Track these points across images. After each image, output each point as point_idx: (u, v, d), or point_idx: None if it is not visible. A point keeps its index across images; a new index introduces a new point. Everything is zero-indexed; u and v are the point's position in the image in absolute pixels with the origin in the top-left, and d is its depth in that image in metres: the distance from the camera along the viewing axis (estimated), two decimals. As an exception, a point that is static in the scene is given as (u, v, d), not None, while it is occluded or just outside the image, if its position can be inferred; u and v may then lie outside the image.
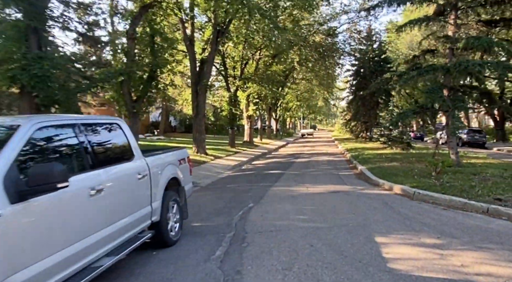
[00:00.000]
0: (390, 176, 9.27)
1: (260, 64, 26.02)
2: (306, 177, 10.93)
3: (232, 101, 23.78)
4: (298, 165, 15.19)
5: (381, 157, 14.84)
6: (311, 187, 8.91)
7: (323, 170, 13.14)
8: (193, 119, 17.89)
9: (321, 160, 17.38)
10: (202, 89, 17.54)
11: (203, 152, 17.53)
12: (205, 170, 14.00)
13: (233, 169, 15.03)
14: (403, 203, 6.68)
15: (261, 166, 15.75)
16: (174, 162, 5.16)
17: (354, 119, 34.05)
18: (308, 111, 71.08)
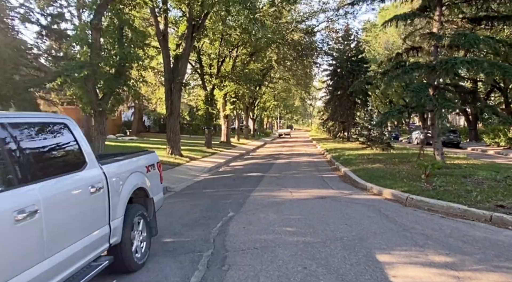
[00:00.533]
0: (377, 179, 8.76)
1: (237, 62, 25.26)
2: (288, 180, 10.28)
3: (209, 100, 22.89)
4: (278, 166, 14.55)
5: (363, 158, 14.44)
6: (295, 192, 8.25)
7: (304, 172, 12.55)
8: (167, 119, 16.91)
9: (301, 161, 16.84)
10: (177, 87, 16.58)
11: (178, 153, 16.59)
12: (180, 173, 13.10)
13: (210, 171, 14.21)
14: (397, 211, 6.13)
15: (240, 168, 15.01)
16: (140, 169, 4.33)
17: (332, 119, 33.91)
18: (285, 111, 70.93)
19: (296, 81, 38.19)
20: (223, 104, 27.68)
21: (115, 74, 9.82)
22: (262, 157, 20.29)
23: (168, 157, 15.90)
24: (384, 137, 17.52)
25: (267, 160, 17.75)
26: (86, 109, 9.79)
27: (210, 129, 23.36)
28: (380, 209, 6.25)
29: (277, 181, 10.29)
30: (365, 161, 13.30)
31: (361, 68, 30.48)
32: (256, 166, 15.37)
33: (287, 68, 30.98)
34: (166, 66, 16.69)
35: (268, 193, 8.33)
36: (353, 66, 30.36)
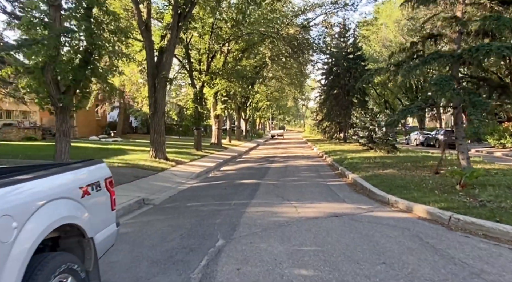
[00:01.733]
0: (399, 189, 7.21)
1: (229, 58, 23.62)
2: (290, 190, 8.68)
3: (198, 98, 21.19)
4: (275, 171, 12.95)
5: (369, 162, 12.92)
6: (301, 207, 6.65)
7: (306, 178, 10.96)
8: (151, 118, 15.18)
9: (299, 165, 15.26)
10: (161, 83, 14.88)
11: (162, 156, 14.87)
12: (162, 179, 11.41)
13: (198, 177, 12.54)
14: (444, 238, 4.57)
15: (232, 173, 13.36)
16: (68, 193, 2.66)
17: (328, 119, 32.48)
18: (278, 112, 69.47)
19: (290, 80, 36.71)
20: (213, 103, 26.02)
21: (81, 64, 8.11)
22: (256, 160, 18.67)
23: (151, 161, 14.19)
24: (389, 138, 16.04)
25: (261, 164, 16.13)
26: (43, 104, 8.07)
27: (199, 130, 21.65)
28: (420, 235, 4.67)
29: (276, 190, 8.68)
30: (373, 165, 11.78)
31: (358, 66, 29.14)
32: (250, 171, 13.74)
33: (281, 65, 29.44)
34: (149, 59, 14.98)
35: (267, 208, 6.70)
36: (350, 64, 29.01)
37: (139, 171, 11.97)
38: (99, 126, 34.78)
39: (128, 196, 8.29)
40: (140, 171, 12.10)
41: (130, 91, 25.63)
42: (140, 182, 10.50)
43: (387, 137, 15.99)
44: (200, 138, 21.54)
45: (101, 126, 34.98)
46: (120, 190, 9.06)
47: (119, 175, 10.87)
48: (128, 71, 22.58)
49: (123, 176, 10.82)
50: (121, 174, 11.08)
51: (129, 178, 10.61)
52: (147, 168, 12.74)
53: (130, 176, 10.92)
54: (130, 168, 12.44)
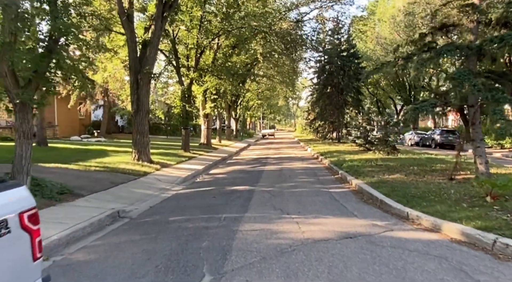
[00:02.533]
0: (416, 200, 6.19)
1: (218, 54, 22.42)
2: (288, 199, 7.60)
3: (186, 96, 19.97)
4: (269, 175, 11.87)
5: (370, 164, 11.95)
6: (304, 223, 5.57)
7: (304, 184, 9.90)
8: (133, 117, 13.94)
9: (295, 167, 14.20)
10: (145, 79, 13.64)
11: (146, 159, 13.65)
12: (144, 186, 10.20)
13: (185, 182, 11.38)
14: (496, 273, 3.54)
15: (222, 177, 12.23)
16: None
17: (321, 118, 31.56)
18: (269, 111, 68.47)
19: (281, 78, 35.71)
20: (202, 101, 24.80)
21: (44, 52, 6.88)
22: (247, 162, 17.56)
23: (133, 164, 12.95)
24: (389, 139, 15.11)
25: (254, 166, 15.03)
26: None
27: (187, 129, 20.44)
28: (464, 269, 3.63)
29: (272, 200, 7.59)
30: (376, 169, 10.79)
31: (352, 64, 28.28)
32: (242, 174, 12.63)
33: (273, 63, 28.38)
34: (131, 53, 13.72)
35: (264, 224, 5.60)
36: (344, 62, 28.11)
37: (118, 176, 10.75)
38: (83, 125, 33.17)
39: (100, 208, 7.10)
40: (119, 176, 10.88)
41: (114, 89, 24.22)
42: (117, 189, 9.29)
43: (387, 137, 15.06)
44: (188, 138, 20.33)
45: (84, 125, 33.37)
46: (93, 200, 7.86)
47: (94, 181, 9.65)
48: (112, 67, 21.24)
49: (98, 182, 9.60)
50: (97, 180, 9.86)
51: (105, 185, 9.38)
52: (128, 172, 11.52)
53: (107, 183, 9.70)
54: (108, 172, 11.21)
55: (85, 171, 11.16)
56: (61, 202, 7.40)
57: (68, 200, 7.60)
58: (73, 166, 11.73)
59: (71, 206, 7.18)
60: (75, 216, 6.42)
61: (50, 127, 28.05)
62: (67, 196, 7.89)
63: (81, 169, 11.30)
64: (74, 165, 11.93)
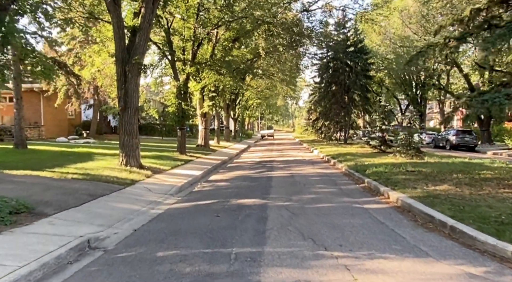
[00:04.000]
0: (508, 228, 4.36)
1: (217, 48, 20.55)
2: (316, 221, 5.74)
3: (182, 93, 18.06)
4: (281, 183, 10.01)
5: (399, 171, 10.13)
6: (358, 269, 3.72)
7: (327, 196, 8.04)
8: (120, 115, 12.02)
9: (307, 173, 12.35)
10: (134, 70, 11.75)
11: (135, 164, 11.75)
12: (129, 199, 8.29)
13: (180, 193, 9.50)
14: None
15: (224, 186, 10.36)
16: None
17: (325, 118, 29.75)
18: (268, 111, 66.65)
19: (282, 75, 33.85)
20: (200, 100, 22.93)
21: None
22: (251, 166, 15.70)
23: (119, 170, 11.04)
24: (413, 140, 13.27)
25: (259, 172, 13.15)
26: None
27: (183, 130, 18.54)
28: None
29: (295, 222, 5.73)
30: (411, 177, 8.96)
31: (360, 60, 26.48)
32: (248, 182, 10.75)
33: (276, 58, 26.50)
34: (117, 41, 11.81)
35: (297, 272, 3.73)
36: (351, 57, 26.30)
37: (99, 186, 8.84)
38: (72, 125, 31.15)
39: (64, 236, 5.21)
40: (101, 185, 8.97)
41: (102, 86, 22.25)
42: (95, 204, 7.39)
43: (410, 138, 13.23)
44: (184, 139, 18.44)
45: (74, 125, 31.35)
46: (59, 222, 5.96)
47: (68, 193, 7.74)
48: (100, 61, 19.28)
49: (73, 194, 7.69)
50: (71, 191, 7.95)
51: (81, 199, 7.48)
52: (112, 180, 9.61)
53: (84, 195, 7.79)
54: (88, 181, 9.30)
55: (60, 179, 9.24)
56: (12, 226, 5.50)
57: (24, 223, 5.70)
58: (47, 173, 9.81)
59: (24, 234, 5.28)
60: (23, 251, 4.53)
61: (35, 128, 26.07)
62: (24, 217, 5.99)
63: (55, 177, 9.39)
64: (48, 172, 10.00)
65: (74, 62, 25.21)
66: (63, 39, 26.39)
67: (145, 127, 38.48)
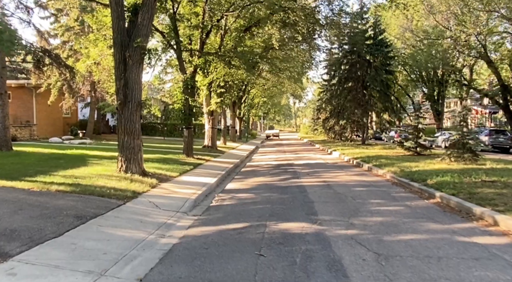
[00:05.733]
0: None
1: (226, 38, 18.43)
2: (430, 275, 3.64)
3: (189, 87, 15.94)
4: (321, 196, 7.90)
5: (473, 180, 8.03)
6: None
7: (401, 219, 5.90)
8: (119, 112, 9.88)
9: (344, 181, 10.23)
10: (135, 56, 9.62)
11: (137, 170, 9.64)
12: (131, 222, 6.14)
13: (194, 209, 7.38)
14: None
15: (248, 200, 8.22)
16: None
17: (339, 117, 27.64)
18: (273, 110, 64.52)
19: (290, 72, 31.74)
20: (207, 96, 20.82)
21: None
22: (269, 170, 13.60)
23: (118, 178, 8.89)
24: (469, 142, 11.12)
25: (283, 179, 11.03)
26: None
27: (190, 129, 16.44)
28: None
29: (399, 278, 3.63)
30: (504, 191, 6.85)
31: (380, 53, 24.35)
32: (277, 193, 8.63)
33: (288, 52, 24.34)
34: (115, 21, 9.68)
35: None
36: (371, 50, 24.17)
37: (91, 202, 6.72)
38: (68, 124, 28.98)
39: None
40: (94, 200, 6.85)
41: (100, 81, 20.10)
42: (83, 232, 5.25)
43: (465, 140, 11.10)
44: (191, 140, 16.34)
45: (70, 124, 29.17)
46: (23, 269, 3.79)
47: (47, 215, 5.62)
48: (96, 53, 17.12)
49: (53, 217, 5.56)
50: (52, 212, 5.82)
51: (64, 223, 5.35)
52: (109, 193, 7.47)
53: (68, 217, 5.66)
54: (77, 195, 7.17)
55: (41, 193, 7.12)
56: None
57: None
58: (25, 183, 7.69)
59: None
60: None
61: (26, 127, 23.91)
62: (-33, 263, 3.87)
63: (34, 190, 7.27)
64: (27, 181, 7.89)
65: (69, 55, 23.07)
66: (57, 31, 24.23)
67: (146, 126, 36.33)
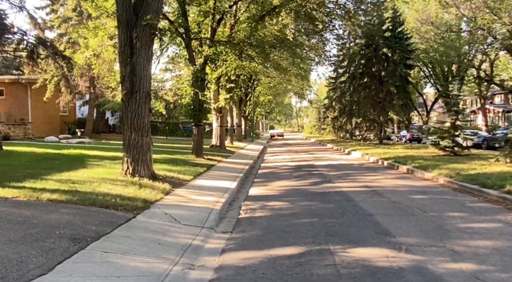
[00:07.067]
0: None
1: (238, 27, 16.87)
2: None
3: (199, 80, 14.36)
4: (377, 207, 6.36)
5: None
6: None
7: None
8: (124, 103, 8.28)
9: (392, 187, 8.69)
10: (144, 37, 8.05)
11: (146, 173, 8.07)
12: (146, 242, 4.50)
13: (220, 225, 5.82)
14: None
15: (284, 210, 6.66)
16: None
17: (351, 115, 26.09)
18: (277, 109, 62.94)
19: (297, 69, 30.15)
20: (215, 92, 19.25)
21: None
22: (290, 172, 12.04)
23: (124, 183, 7.31)
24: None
25: (313, 182, 9.47)
26: None
27: (200, 127, 14.88)
28: None
29: None
30: None
31: (400, 46, 22.80)
32: (316, 201, 7.08)
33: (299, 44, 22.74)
34: (120, -5, 8.10)
35: None
36: (390, 43, 22.61)
37: (92, 216, 5.15)
38: (65, 123, 27.35)
39: None
40: (95, 213, 5.28)
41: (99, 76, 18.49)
42: (82, 265, 3.64)
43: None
44: (201, 139, 14.77)
45: (67, 123, 27.55)
46: None
47: (33, 237, 4.01)
48: (96, 43, 15.52)
49: (41, 240, 3.96)
50: (41, 232, 4.22)
51: (55, 250, 3.75)
52: (114, 203, 5.89)
53: (62, 240, 4.07)
54: (74, 205, 5.60)
55: (28, 203, 5.55)
56: None
57: None
58: (10, 190, 6.11)
59: None
60: None
61: (21, 125, 22.28)
62: None
63: (21, 199, 5.71)
64: (12, 188, 6.31)
65: (66, 48, 21.46)
66: (53, 22, 22.62)
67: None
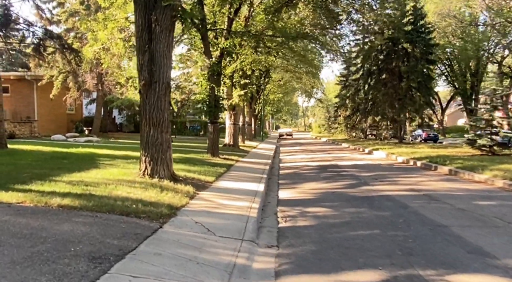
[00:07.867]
0: None
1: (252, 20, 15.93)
2: None
3: (214, 75, 13.44)
4: (448, 217, 5.44)
5: None
6: None
7: None
8: (141, 95, 7.35)
9: (446, 190, 7.70)
10: (164, 21, 7.13)
11: (166, 174, 7.16)
12: (180, 261, 3.50)
13: (261, 236, 4.85)
14: None
15: (331, 220, 5.71)
16: None
17: (373, 113, 25.03)
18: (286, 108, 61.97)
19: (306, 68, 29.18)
20: (229, 88, 18.34)
21: None
22: (316, 173, 11.07)
23: (142, 185, 6.37)
24: None
25: (348, 185, 8.48)
26: None
27: (216, 124, 13.95)
28: None
29: None
30: None
31: (421, 40, 21.72)
32: (364, 208, 6.13)
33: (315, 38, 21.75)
34: (138, -27, 7.17)
35: None
36: (411, 37, 21.54)
37: (111, 225, 4.21)
38: (72, 121, 26.59)
39: None
40: (115, 222, 4.34)
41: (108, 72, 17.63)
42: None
43: None
44: (217, 137, 13.84)
45: (74, 121, 26.78)
46: None
47: (40, 257, 3.01)
48: (106, 36, 14.62)
49: (53, 261, 2.96)
50: (53, 247, 3.25)
51: (69, 276, 2.79)
52: (135, 209, 4.95)
53: (78, 259, 3.11)
54: (89, 212, 4.67)
55: (35, 210, 4.63)
56: None
57: None
58: (14, 194, 5.20)
59: None
60: None
61: (26, 123, 21.53)
62: None
63: (26, 205, 4.81)
64: (17, 191, 5.39)
65: (73, 42, 20.62)
66: (60, 17, 21.84)
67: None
